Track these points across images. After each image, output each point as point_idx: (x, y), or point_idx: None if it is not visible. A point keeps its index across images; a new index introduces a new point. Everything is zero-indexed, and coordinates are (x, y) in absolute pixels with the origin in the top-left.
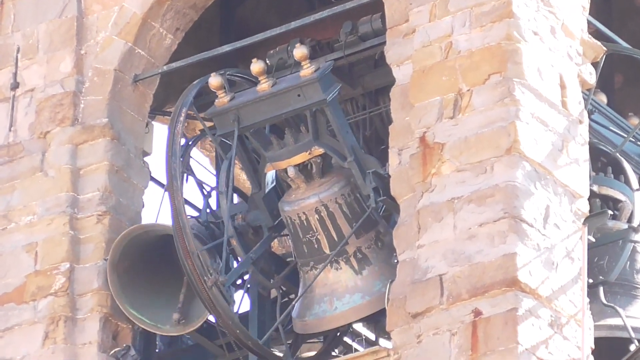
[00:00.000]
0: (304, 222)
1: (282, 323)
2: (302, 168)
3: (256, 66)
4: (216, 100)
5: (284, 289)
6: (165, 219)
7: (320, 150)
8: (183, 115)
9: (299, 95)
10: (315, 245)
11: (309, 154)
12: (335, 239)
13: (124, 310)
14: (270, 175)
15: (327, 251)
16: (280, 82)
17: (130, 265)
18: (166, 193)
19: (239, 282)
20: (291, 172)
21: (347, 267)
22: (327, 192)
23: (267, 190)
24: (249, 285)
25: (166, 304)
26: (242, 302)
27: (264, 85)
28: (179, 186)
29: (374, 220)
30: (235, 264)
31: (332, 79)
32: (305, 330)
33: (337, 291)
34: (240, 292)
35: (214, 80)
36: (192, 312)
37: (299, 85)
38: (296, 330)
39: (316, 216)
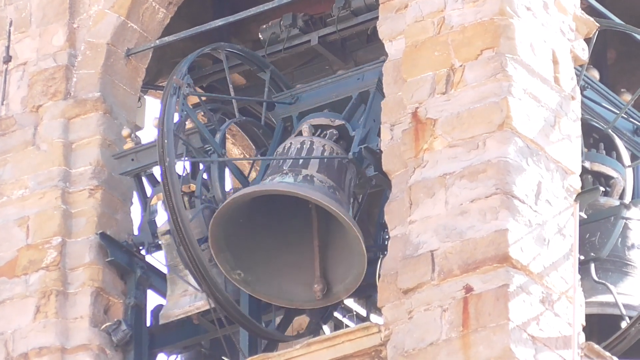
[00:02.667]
0: (286, 148)
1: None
2: (318, 128)
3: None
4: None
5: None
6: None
7: (341, 122)
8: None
9: (358, 79)
10: (279, 163)
11: (332, 121)
12: (300, 162)
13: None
14: None
15: (286, 167)
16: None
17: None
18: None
19: None
20: (305, 129)
21: (291, 177)
22: (321, 139)
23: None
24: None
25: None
26: None
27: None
28: (172, 161)
29: (343, 183)
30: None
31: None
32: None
33: (271, 182)
34: None
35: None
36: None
37: (362, 70)
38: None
39: (298, 145)
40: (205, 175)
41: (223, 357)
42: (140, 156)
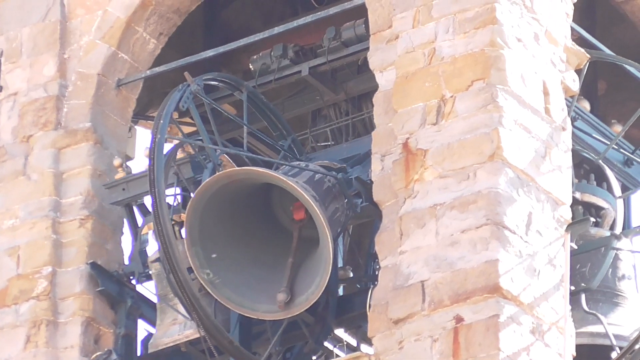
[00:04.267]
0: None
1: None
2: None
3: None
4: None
5: None
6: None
7: (343, 165)
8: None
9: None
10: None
11: (334, 165)
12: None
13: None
14: None
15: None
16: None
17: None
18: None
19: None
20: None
21: None
22: (314, 163)
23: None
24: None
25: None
26: None
27: None
28: (162, 190)
29: (329, 205)
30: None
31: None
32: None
33: None
34: None
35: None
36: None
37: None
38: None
39: (289, 167)
40: None
41: None
42: (131, 186)
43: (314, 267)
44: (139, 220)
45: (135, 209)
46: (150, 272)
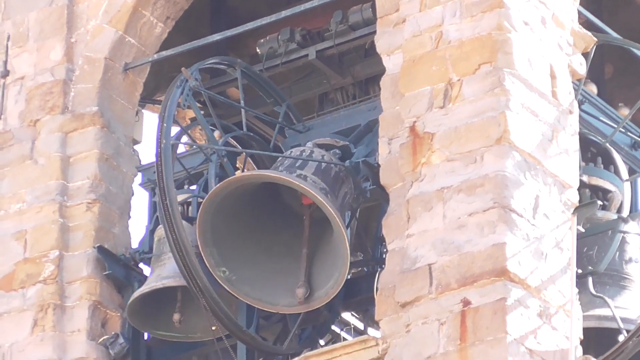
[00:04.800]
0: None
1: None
2: (321, 147)
3: None
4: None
5: None
6: None
7: (345, 143)
8: (176, 98)
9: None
10: (277, 164)
11: (336, 142)
12: (296, 164)
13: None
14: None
15: (282, 168)
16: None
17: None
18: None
19: None
20: (308, 145)
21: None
22: (322, 149)
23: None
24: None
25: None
26: None
27: None
28: (169, 173)
29: (337, 191)
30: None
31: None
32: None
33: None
34: None
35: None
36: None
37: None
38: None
39: (297, 152)
40: None
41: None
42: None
43: (331, 259)
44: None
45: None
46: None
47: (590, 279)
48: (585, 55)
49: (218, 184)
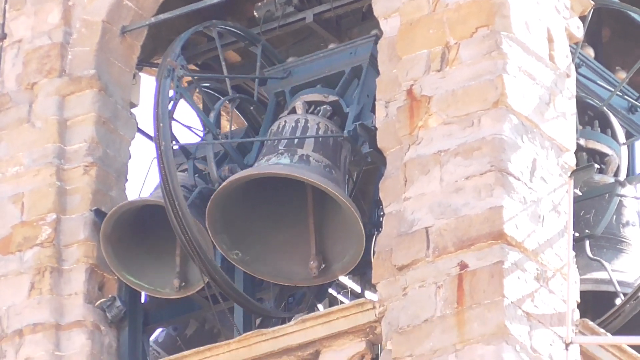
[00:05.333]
0: (280, 128)
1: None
2: (311, 105)
3: None
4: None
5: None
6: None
7: (335, 98)
8: (171, 65)
9: (351, 54)
10: (274, 143)
11: (325, 97)
12: (294, 142)
13: (121, 278)
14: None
15: (281, 147)
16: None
17: (122, 235)
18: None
19: None
20: (299, 104)
21: (287, 157)
22: (315, 115)
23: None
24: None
25: (163, 268)
26: None
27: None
28: (167, 135)
29: (338, 161)
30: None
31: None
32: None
33: (267, 164)
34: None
35: None
36: (192, 275)
37: (353, 45)
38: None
39: (292, 124)
40: None
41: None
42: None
43: (342, 232)
44: None
45: None
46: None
47: (587, 243)
48: (582, 18)
49: (223, 184)
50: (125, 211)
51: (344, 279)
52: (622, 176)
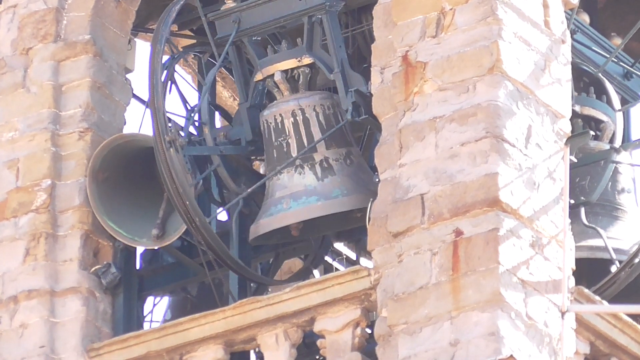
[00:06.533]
0: (279, 124)
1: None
2: (290, 77)
3: None
4: (223, 6)
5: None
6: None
7: (310, 60)
8: (169, 24)
9: (300, 0)
10: (284, 149)
11: (299, 61)
12: (306, 144)
13: (101, 222)
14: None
15: (295, 155)
16: None
17: (110, 176)
18: (148, 109)
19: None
20: (278, 76)
21: (310, 172)
22: (307, 99)
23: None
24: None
25: (145, 218)
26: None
27: None
28: (161, 99)
29: (348, 140)
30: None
31: None
32: (257, 232)
33: (295, 194)
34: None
35: None
36: (171, 227)
37: None
38: (251, 235)
39: (291, 119)
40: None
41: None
42: None
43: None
44: None
45: None
46: None
47: (582, 210)
48: None
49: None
50: (117, 148)
51: (339, 246)
52: (618, 143)
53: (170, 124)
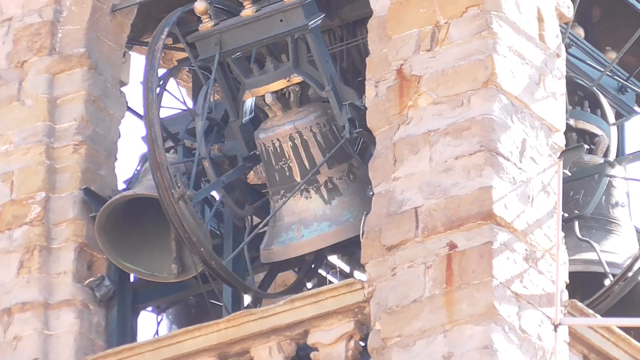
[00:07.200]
0: (278, 149)
1: (251, 251)
2: (280, 96)
3: (200, 5)
4: (200, 26)
5: (258, 219)
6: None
7: (299, 79)
8: (162, 39)
9: (281, 21)
10: (287, 173)
11: (288, 81)
12: (307, 167)
13: (120, 266)
14: (248, 105)
15: (298, 179)
16: (264, 8)
17: (116, 223)
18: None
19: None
20: (269, 98)
21: (316, 196)
22: (302, 120)
23: (244, 120)
24: (221, 208)
25: (158, 252)
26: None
27: (248, 11)
28: (156, 108)
29: (348, 152)
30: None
31: (315, 7)
32: (271, 258)
33: (305, 219)
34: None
35: (200, 5)
36: (187, 259)
37: (281, 10)
38: (263, 260)
39: (290, 143)
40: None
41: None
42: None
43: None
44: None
45: None
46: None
47: (576, 223)
48: None
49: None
50: (119, 202)
51: (333, 259)
52: (612, 157)
53: (175, 177)
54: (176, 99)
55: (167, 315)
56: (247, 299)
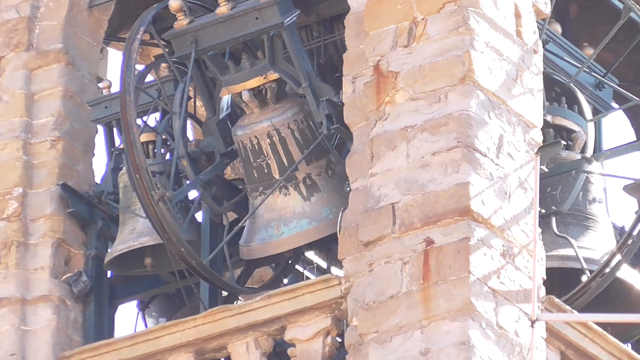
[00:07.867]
0: (255, 146)
1: (228, 245)
2: (257, 93)
3: (174, 2)
4: (175, 23)
5: (236, 215)
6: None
7: (276, 75)
8: (138, 39)
9: (256, 18)
10: (265, 170)
11: (264, 78)
12: (286, 164)
13: None
14: (225, 102)
15: (277, 176)
16: (239, 5)
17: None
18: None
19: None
20: (245, 95)
21: (295, 193)
22: (280, 117)
23: (221, 116)
24: (198, 205)
25: None
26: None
27: (223, 8)
28: (133, 110)
29: (326, 148)
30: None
31: (290, 4)
32: (250, 255)
33: (284, 217)
34: (195, 221)
35: (174, 2)
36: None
37: (256, 8)
38: (242, 256)
39: (268, 140)
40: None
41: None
42: (114, 104)
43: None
44: (117, 140)
45: (115, 129)
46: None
47: (553, 219)
48: None
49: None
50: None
51: (310, 255)
52: (589, 153)
53: (155, 178)
54: (152, 97)
55: (151, 313)
56: (224, 294)
